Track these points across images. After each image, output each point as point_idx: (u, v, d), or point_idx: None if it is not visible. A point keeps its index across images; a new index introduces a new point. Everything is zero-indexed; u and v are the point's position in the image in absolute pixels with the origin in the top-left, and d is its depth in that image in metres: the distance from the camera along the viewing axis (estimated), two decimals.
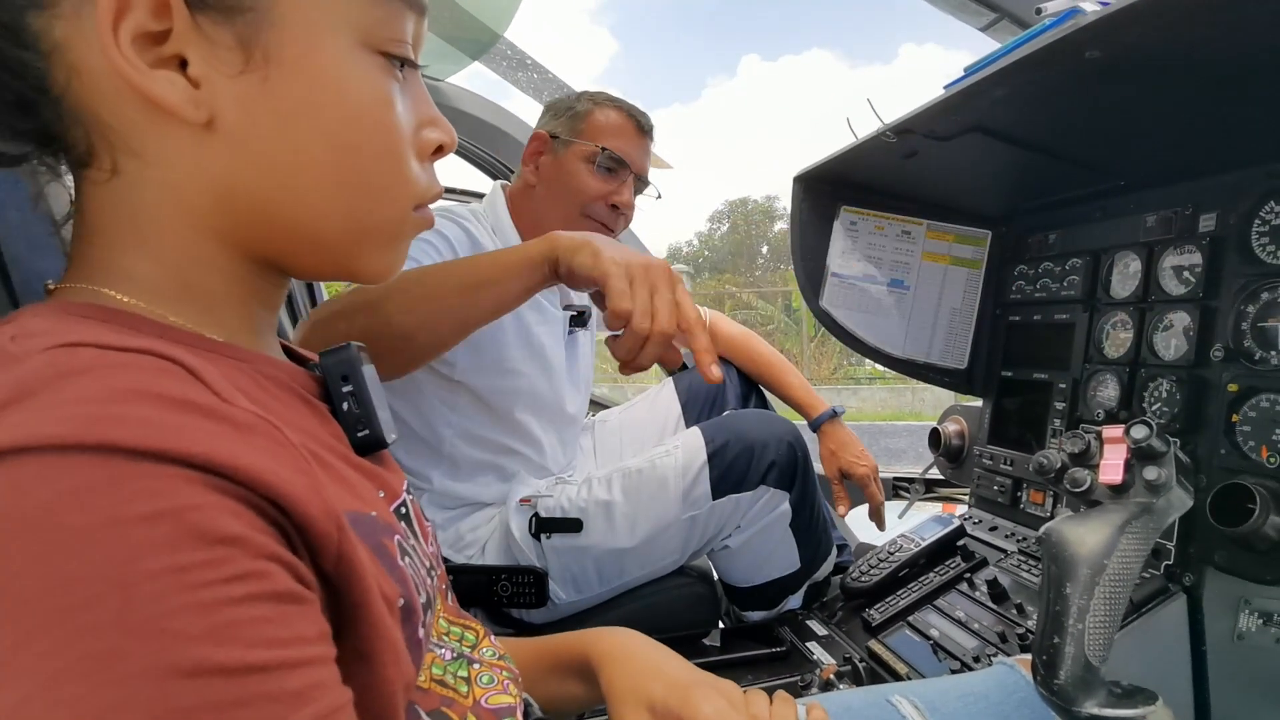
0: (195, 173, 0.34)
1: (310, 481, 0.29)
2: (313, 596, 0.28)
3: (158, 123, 0.33)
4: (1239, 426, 0.76)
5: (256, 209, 0.36)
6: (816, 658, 0.97)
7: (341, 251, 0.39)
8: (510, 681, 0.46)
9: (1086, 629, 0.49)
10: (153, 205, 0.34)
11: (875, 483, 1.26)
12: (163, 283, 0.35)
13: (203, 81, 0.33)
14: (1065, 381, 1.01)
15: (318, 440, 0.36)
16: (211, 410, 0.28)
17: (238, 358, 0.35)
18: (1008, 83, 0.75)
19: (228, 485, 0.26)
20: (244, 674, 0.24)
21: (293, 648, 0.26)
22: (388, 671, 0.31)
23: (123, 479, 0.24)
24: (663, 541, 1.02)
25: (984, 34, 1.07)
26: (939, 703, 0.59)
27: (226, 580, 0.24)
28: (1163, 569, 0.80)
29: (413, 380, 1.05)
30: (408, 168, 0.39)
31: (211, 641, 0.24)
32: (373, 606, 0.31)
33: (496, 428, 1.12)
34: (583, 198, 1.11)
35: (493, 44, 1.63)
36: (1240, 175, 0.81)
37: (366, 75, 0.36)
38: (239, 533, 0.25)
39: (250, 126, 0.34)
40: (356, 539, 0.31)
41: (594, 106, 1.12)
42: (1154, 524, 0.51)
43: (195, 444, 0.25)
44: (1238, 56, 0.64)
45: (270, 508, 0.27)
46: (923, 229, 1.16)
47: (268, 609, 0.25)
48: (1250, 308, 0.78)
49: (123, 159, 0.34)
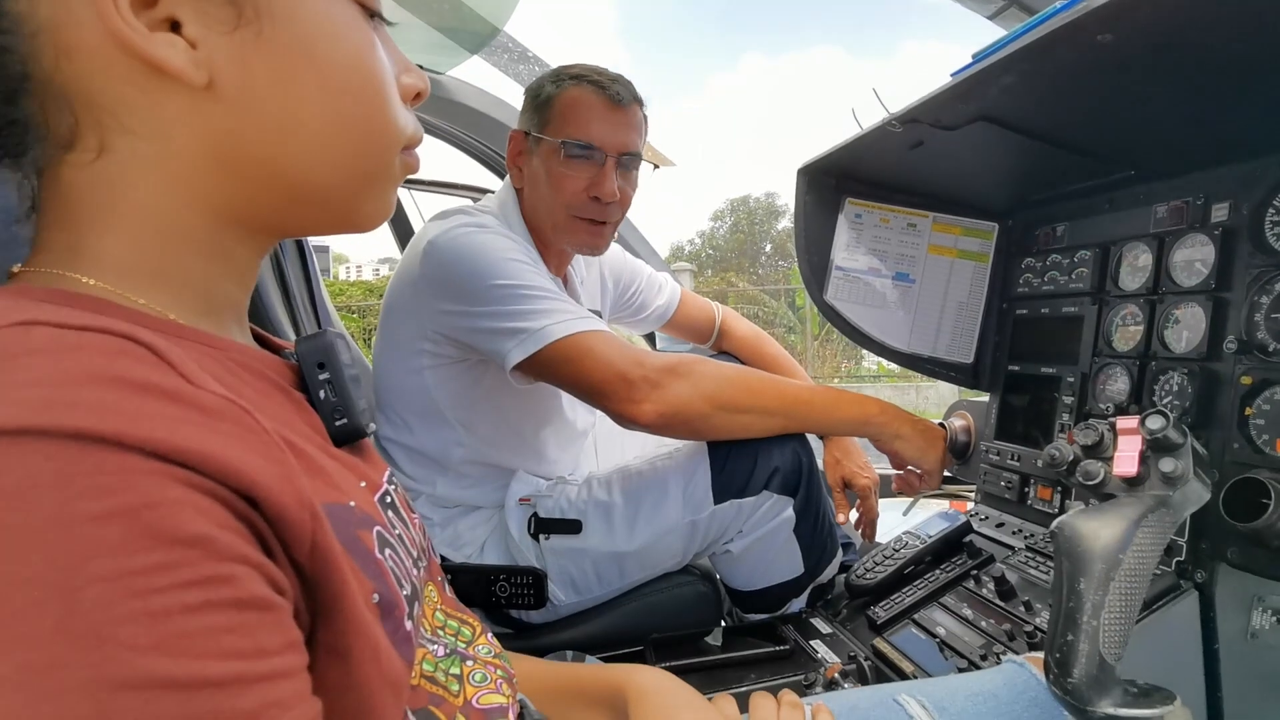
0: (193, 141, 0.34)
1: (283, 470, 0.27)
2: (282, 602, 0.27)
3: (154, 93, 0.32)
4: (1252, 420, 0.75)
5: (258, 169, 0.35)
6: (821, 656, 0.95)
7: (342, 203, 0.40)
8: (504, 681, 0.44)
9: (1101, 626, 0.47)
10: (142, 181, 0.33)
11: (874, 496, 1.24)
12: (134, 265, 0.34)
13: (199, 41, 0.32)
14: (1074, 376, 0.99)
15: (294, 429, 0.34)
16: (177, 394, 0.26)
17: (209, 344, 0.34)
18: (1016, 69, 0.73)
19: (193, 476, 0.24)
20: (195, 688, 0.22)
21: (252, 660, 0.24)
22: (365, 669, 0.30)
23: (74, 471, 0.22)
24: (663, 545, 1.01)
25: (992, 22, 1.05)
26: (947, 702, 0.58)
27: (182, 585, 0.23)
28: (1174, 565, 0.78)
29: (434, 405, 1.04)
30: (396, 110, 0.39)
31: (161, 652, 0.22)
32: (349, 599, 0.29)
33: (510, 446, 1.10)
34: (562, 198, 1.03)
35: (493, 37, 1.62)
36: (1254, 164, 0.80)
37: (351, 21, 0.37)
38: (202, 532, 0.24)
39: (249, 83, 0.34)
40: (331, 531, 0.29)
41: (557, 90, 1.02)
42: (1170, 517, 0.50)
43: (157, 430, 0.24)
44: (1254, 39, 0.62)
45: (240, 501, 0.25)
46: (929, 222, 1.15)
47: (228, 617, 0.24)
48: (1264, 299, 0.76)
49: (112, 137, 0.33)
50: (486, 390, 1.04)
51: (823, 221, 1.14)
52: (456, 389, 1.03)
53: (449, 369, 1.02)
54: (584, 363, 0.93)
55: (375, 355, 1.10)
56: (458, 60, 1.67)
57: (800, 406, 0.99)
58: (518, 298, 0.93)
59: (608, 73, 1.04)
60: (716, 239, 31.52)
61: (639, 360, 0.94)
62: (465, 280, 0.94)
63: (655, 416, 0.93)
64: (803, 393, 1.01)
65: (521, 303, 0.93)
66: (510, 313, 0.93)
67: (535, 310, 0.93)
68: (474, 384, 1.04)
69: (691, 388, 0.94)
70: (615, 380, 0.93)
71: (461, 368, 1.02)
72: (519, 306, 0.92)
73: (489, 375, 1.03)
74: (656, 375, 0.93)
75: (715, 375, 0.96)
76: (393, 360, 1.05)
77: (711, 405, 0.95)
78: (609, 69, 1.05)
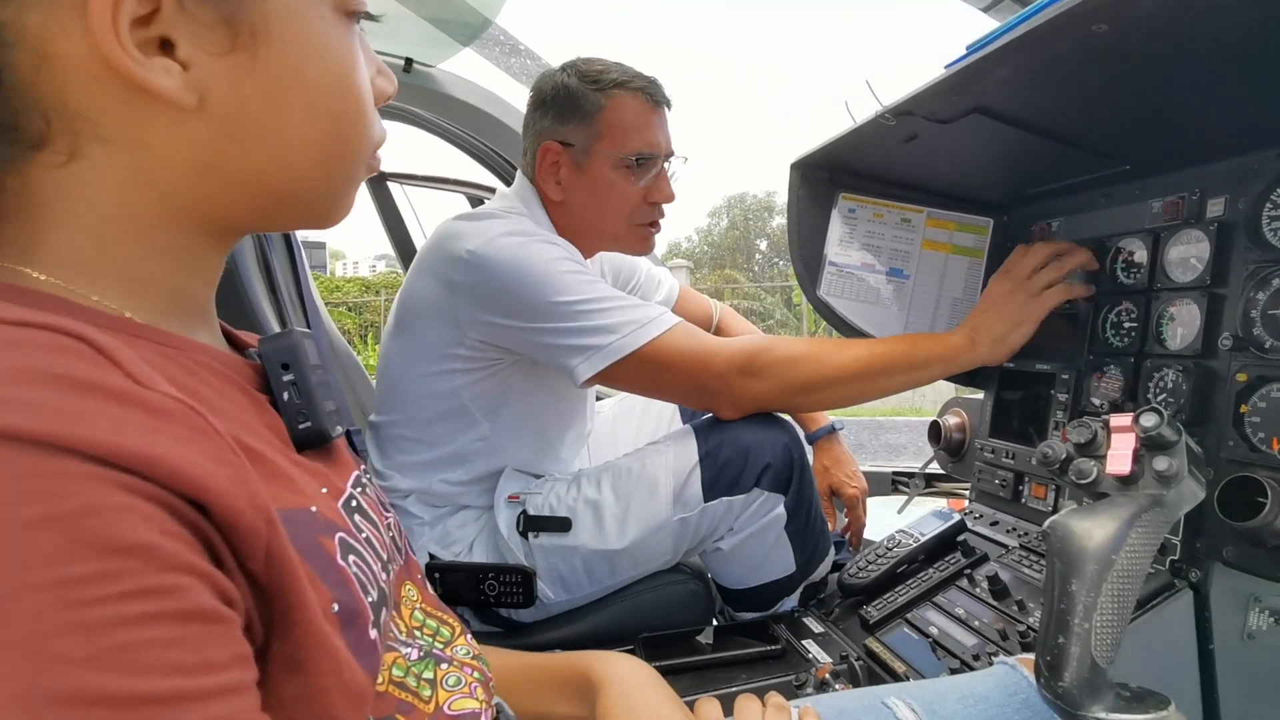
0: (173, 154, 0.33)
1: (236, 474, 0.26)
2: (231, 614, 0.25)
3: (139, 110, 0.31)
4: (1248, 418, 0.74)
5: (237, 179, 0.35)
6: (812, 656, 0.94)
7: (321, 205, 0.40)
8: (479, 685, 0.43)
9: (1093, 628, 0.46)
10: (111, 187, 0.32)
11: (862, 505, 1.23)
12: (92, 262, 0.32)
13: (191, 63, 0.32)
14: (1069, 373, 0.98)
15: (253, 432, 0.33)
16: (122, 394, 0.25)
17: (168, 343, 0.33)
18: (1010, 61, 0.72)
19: (136, 481, 0.23)
20: (134, 705, 0.21)
21: (196, 676, 0.23)
22: (324, 680, 0.29)
23: (7, 475, 0.21)
24: (653, 543, 1.00)
25: (986, 14, 1.04)
26: (937, 705, 0.57)
27: (122, 597, 0.22)
28: (1168, 564, 0.77)
29: (460, 404, 1.03)
30: (372, 119, 0.40)
31: (98, 667, 0.21)
32: (306, 610, 0.28)
33: (532, 444, 1.10)
34: (626, 208, 1.05)
35: (484, 29, 1.60)
36: (1251, 158, 0.78)
37: (342, 41, 0.37)
38: (145, 540, 0.22)
39: (239, 105, 0.33)
40: (289, 538, 0.28)
41: (603, 99, 1.01)
42: (1164, 517, 0.49)
43: (98, 432, 0.23)
44: (1251, 31, 0.61)
45: (188, 507, 0.24)
46: (923, 217, 1.14)
47: (171, 630, 0.22)
48: (1260, 295, 0.75)
49: (87, 144, 0.31)
50: (519, 387, 1.04)
51: (816, 216, 1.13)
52: (488, 388, 1.03)
53: (483, 371, 1.02)
54: (659, 375, 0.96)
55: (387, 353, 1.08)
56: (449, 53, 1.65)
57: (879, 362, 0.97)
58: (580, 313, 0.93)
59: (641, 73, 1.05)
60: (714, 236, 31.51)
61: (709, 364, 0.95)
62: (520, 295, 0.93)
63: (739, 414, 0.99)
64: (869, 352, 0.98)
65: (585, 319, 0.93)
66: (574, 330, 0.93)
67: (600, 326, 0.93)
68: (506, 382, 1.03)
69: (765, 386, 0.96)
70: (693, 391, 0.98)
71: (497, 368, 1.02)
72: (583, 323, 0.93)
73: (521, 373, 1.03)
74: (733, 379, 0.95)
75: (786, 363, 0.96)
76: (413, 360, 1.04)
77: (790, 393, 0.98)
78: (629, 66, 1.05)
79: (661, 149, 1.04)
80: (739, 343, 0.98)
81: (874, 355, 0.98)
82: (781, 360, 0.96)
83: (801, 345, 1.00)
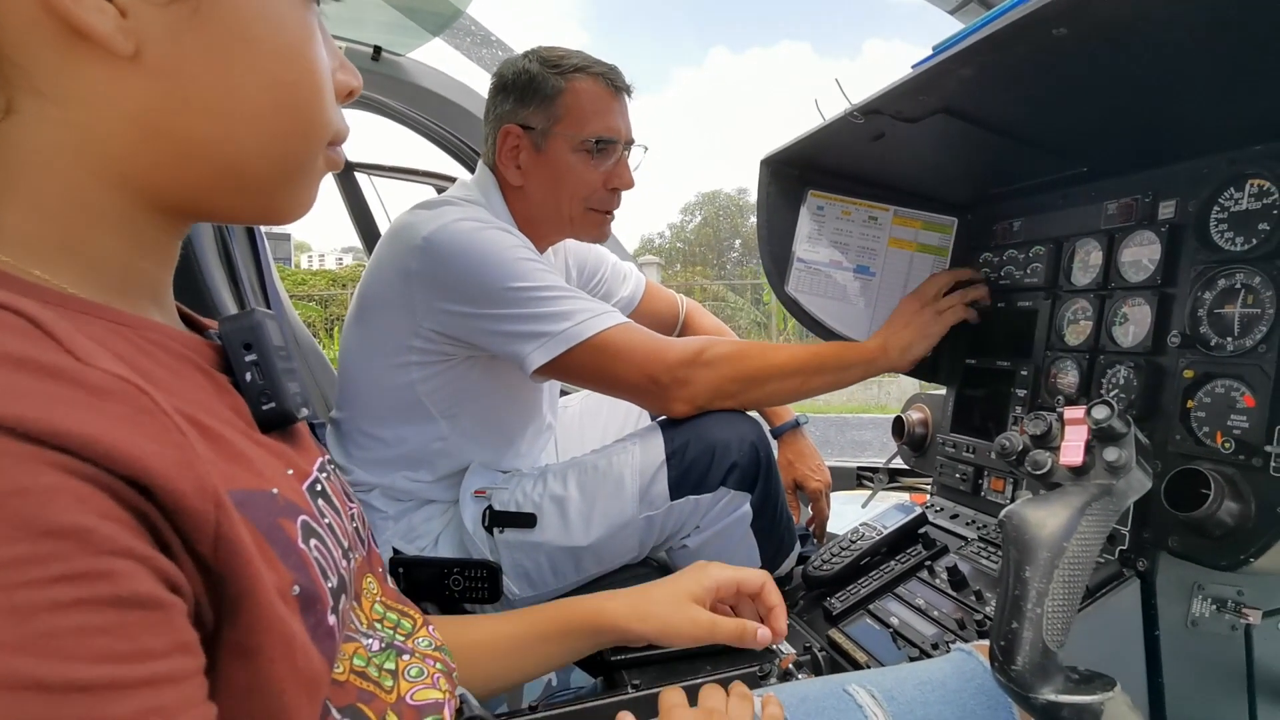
0: (111, 111, 0.31)
1: (180, 455, 0.25)
2: (174, 600, 0.24)
3: (73, 57, 0.30)
4: (1194, 412, 0.76)
5: (181, 148, 0.34)
6: (776, 647, 0.95)
7: (265, 192, 0.38)
8: (442, 675, 0.43)
9: (1045, 613, 0.47)
10: (49, 148, 0.31)
11: (826, 498, 1.25)
12: (37, 235, 0.31)
13: (130, 10, 0.30)
14: (1027, 369, 1.01)
15: (211, 412, 0.32)
16: (58, 371, 0.24)
17: (120, 321, 0.32)
18: (974, 62, 0.73)
19: (72, 461, 0.22)
20: (63, 691, 0.20)
21: (131, 664, 0.22)
22: (277, 667, 0.28)
23: None
24: (618, 540, 1.00)
25: (953, 16, 1.05)
26: (896, 691, 0.58)
27: (52, 581, 0.21)
28: (1117, 554, 0.80)
29: (416, 400, 1.02)
30: (329, 105, 0.38)
31: (26, 652, 0.20)
32: (259, 595, 0.27)
33: (491, 441, 1.09)
34: (583, 191, 1.04)
35: (454, 19, 1.58)
36: (1201, 162, 0.81)
37: (294, 9, 0.36)
38: (78, 523, 0.22)
39: (180, 60, 0.32)
40: (241, 519, 0.27)
41: (563, 82, 1.01)
42: (1113, 506, 0.50)
43: (30, 409, 0.22)
44: (1203, 40, 0.63)
45: (128, 489, 0.23)
46: (889, 215, 1.15)
47: (104, 616, 0.22)
48: (1207, 294, 0.78)
49: (21, 97, 0.30)
50: (474, 386, 1.03)
51: (785, 213, 1.14)
52: (443, 384, 1.01)
53: (438, 365, 1.00)
54: (610, 366, 0.96)
55: (346, 347, 1.07)
56: (419, 42, 1.63)
57: (812, 362, 1.03)
58: (535, 300, 0.93)
59: (601, 61, 1.05)
60: (686, 233, 31.58)
61: (662, 356, 0.97)
62: (475, 280, 0.93)
63: (692, 409, 1.00)
64: (804, 352, 1.04)
65: (540, 305, 0.93)
66: (528, 316, 0.92)
67: (554, 313, 0.93)
68: (462, 379, 1.02)
69: (716, 374, 0.98)
70: (645, 382, 0.97)
71: (451, 364, 1.01)
72: (537, 310, 0.93)
73: (477, 370, 1.02)
74: (683, 371, 0.97)
75: (734, 355, 1.00)
76: (371, 354, 1.02)
77: (738, 384, 1.00)
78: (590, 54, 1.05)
79: (621, 134, 1.04)
80: (687, 339, 1.02)
81: (808, 355, 1.04)
82: (729, 354, 1.00)
83: (744, 343, 1.06)
